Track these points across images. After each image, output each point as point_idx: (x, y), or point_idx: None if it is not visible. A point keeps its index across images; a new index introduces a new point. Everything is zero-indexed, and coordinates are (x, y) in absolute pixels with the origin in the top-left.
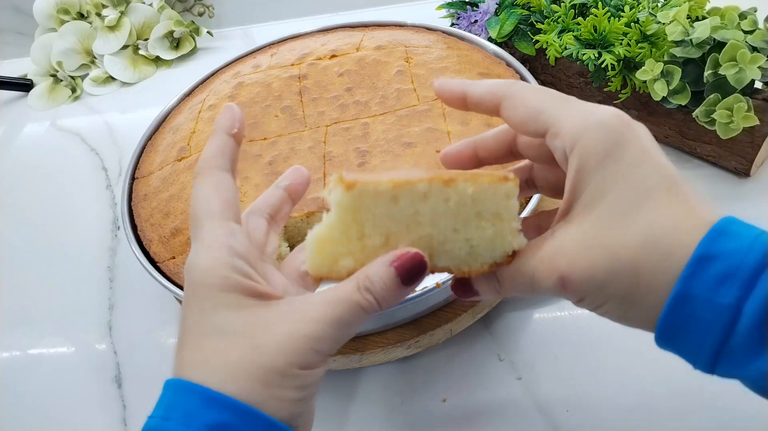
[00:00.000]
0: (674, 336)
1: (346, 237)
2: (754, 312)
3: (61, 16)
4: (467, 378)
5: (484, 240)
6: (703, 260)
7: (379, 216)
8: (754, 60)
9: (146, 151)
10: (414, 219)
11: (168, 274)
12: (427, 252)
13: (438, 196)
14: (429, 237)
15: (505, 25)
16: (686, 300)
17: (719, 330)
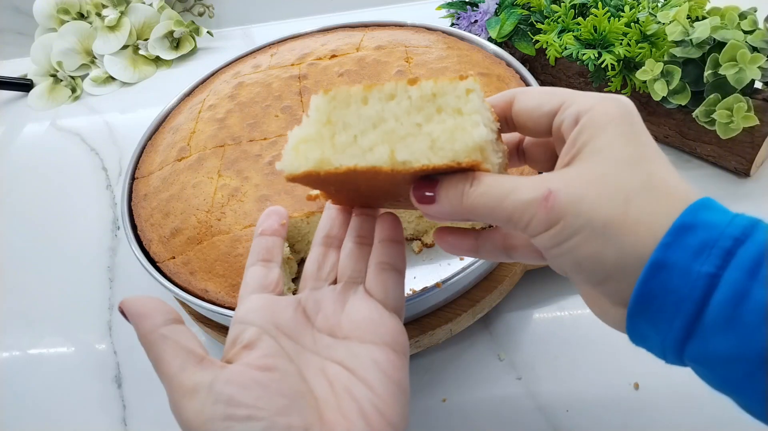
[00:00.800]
0: (649, 305)
1: (319, 135)
2: (731, 283)
3: (61, 16)
4: (467, 378)
5: (445, 132)
6: (684, 228)
7: (349, 116)
8: (754, 60)
9: (146, 151)
10: (380, 116)
11: (168, 274)
12: (389, 147)
13: (402, 94)
14: (392, 132)
15: (505, 25)
16: (664, 267)
17: (695, 300)
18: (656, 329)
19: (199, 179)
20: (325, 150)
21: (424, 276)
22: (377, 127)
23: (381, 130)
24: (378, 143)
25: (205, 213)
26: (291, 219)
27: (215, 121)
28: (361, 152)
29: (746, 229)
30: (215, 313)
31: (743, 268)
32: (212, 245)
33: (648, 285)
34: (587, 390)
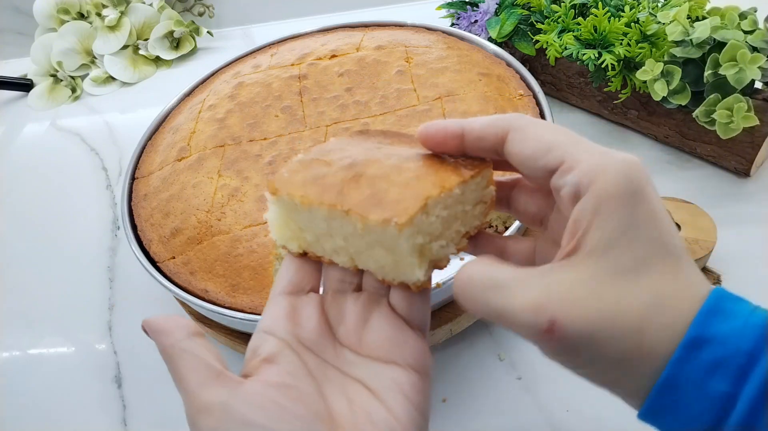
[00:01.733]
0: (660, 417)
1: (289, 227)
2: (747, 404)
3: (61, 16)
4: (467, 378)
5: (388, 262)
6: (695, 343)
7: (303, 221)
8: (754, 60)
9: (146, 151)
10: (330, 230)
11: (168, 274)
12: (348, 256)
13: (340, 219)
14: (346, 245)
15: (505, 25)
16: (676, 385)
17: (709, 419)
18: (673, 425)
19: (199, 179)
20: (302, 243)
21: None
22: (332, 237)
23: (338, 241)
24: (339, 250)
25: (205, 213)
26: None
27: (215, 121)
28: (330, 252)
29: (755, 344)
30: (215, 313)
31: (759, 385)
32: (212, 245)
33: (659, 400)
34: (587, 390)
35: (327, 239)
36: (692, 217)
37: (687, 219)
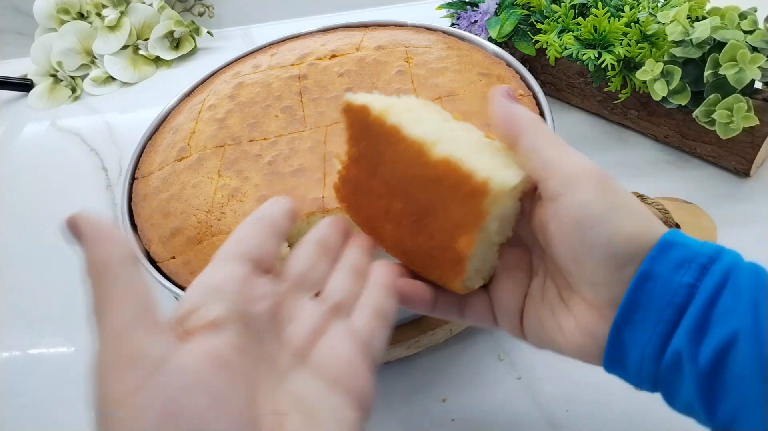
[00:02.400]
0: (635, 313)
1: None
2: (706, 292)
3: (61, 16)
4: (467, 378)
5: (490, 160)
6: (667, 245)
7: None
8: (754, 60)
9: (146, 151)
10: (451, 130)
11: (168, 274)
12: (437, 137)
13: (476, 132)
14: (450, 137)
15: (505, 25)
16: (650, 277)
17: (676, 306)
18: (639, 337)
19: (199, 179)
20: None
21: None
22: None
23: (443, 130)
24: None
25: (205, 213)
26: None
27: (215, 121)
28: (413, 123)
29: (716, 251)
30: None
31: (715, 281)
32: (212, 245)
33: (636, 294)
34: (588, 391)
35: (429, 125)
36: (692, 217)
37: (687, 219)
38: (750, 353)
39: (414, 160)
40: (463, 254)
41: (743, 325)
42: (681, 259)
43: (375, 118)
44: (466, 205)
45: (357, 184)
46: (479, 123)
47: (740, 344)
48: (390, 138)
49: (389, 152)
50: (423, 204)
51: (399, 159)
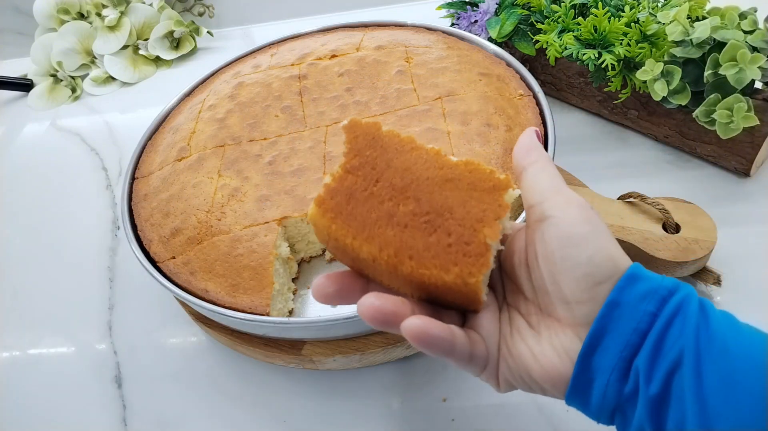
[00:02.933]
0: (603, 337)
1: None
2: (664, 318)
3: (61, 16)
4: (467, 378)
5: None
6: (633, 278)
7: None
8: (754, 60)
9: (146, 151)
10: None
11: (168, 274)
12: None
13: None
14: None
15: (505, 25)
16: (618, 305)
17: (641, 332)
18: (607, 361)
19: (199, 179)
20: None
21: None
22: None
23: None
24: None
25: (205, 213)
26: (291, 219)
27: (215, 121)
28: None
29: (674, 285)
30: (215, 313)
31: (671, 310)
32: (212, 245)
33: (604, 320)
34: None
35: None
36: (692, 217)
37: (687, 219)
38: (690, 371)
39: (430, 163)
40: (488, 244)
41: (687, 345)
42: (645, 291)
43: (388, 132)
44: (487, 199)
45: (352, 192)
46: (479, 122)
47: (684, 364)
48: (404, 147)
49: (400, 159)
50: (438, 203)
51: (413, 164)
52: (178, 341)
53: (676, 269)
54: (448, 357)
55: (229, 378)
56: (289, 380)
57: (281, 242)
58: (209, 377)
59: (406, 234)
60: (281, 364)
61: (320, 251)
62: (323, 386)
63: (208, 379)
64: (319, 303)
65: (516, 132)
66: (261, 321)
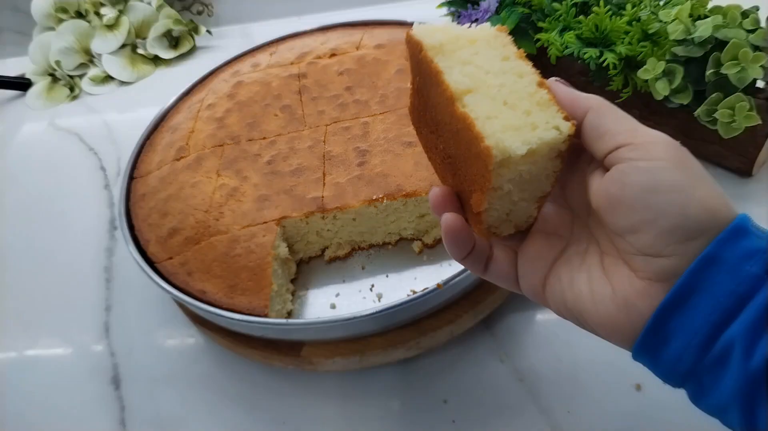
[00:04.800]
0: (689, 297)
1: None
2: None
3: (60, 15)
4: (468, 379)
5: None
6: (739, 232)
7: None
8: (756, 59)
9: (144, 151)
10: (498, 75)
11: (165, 275)
12: (472, 85)
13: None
14: (489, 87)
15: (506, 24)
16: (715, 260)
17: (740, 295)
18: (690, 322)
19: (198, 179)
20: (447, 44)
21: (425, 277)
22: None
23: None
24: (469, 77)
25: (203, 213)
26: (290, 219)
27: (214, 121)
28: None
29: None
30: (213, 314)
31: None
32: (210, 245)
33: (696, 275)
34: (589, 392)
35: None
36: None
37: None
38: None
39: (446, 108)
40: (475, 209)
41: None
42: (752, 249)
43: (424, 56)
44: (478, 165)
45: (419, 114)
46: None
47: None
48: (434, 79)
49: (434, 93)
50: (454, 150)
51: (438, 102)
52: (175, 342)
53: None
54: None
55: (227, 379)
56: (288, 382)
57: (280, 242)
58: (208, 378)
59: (443, 166)
60: (280, 366)
61: (319, 251)
62: (322, 388)
63: (207, 381)
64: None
65: None
66: (259, 322)
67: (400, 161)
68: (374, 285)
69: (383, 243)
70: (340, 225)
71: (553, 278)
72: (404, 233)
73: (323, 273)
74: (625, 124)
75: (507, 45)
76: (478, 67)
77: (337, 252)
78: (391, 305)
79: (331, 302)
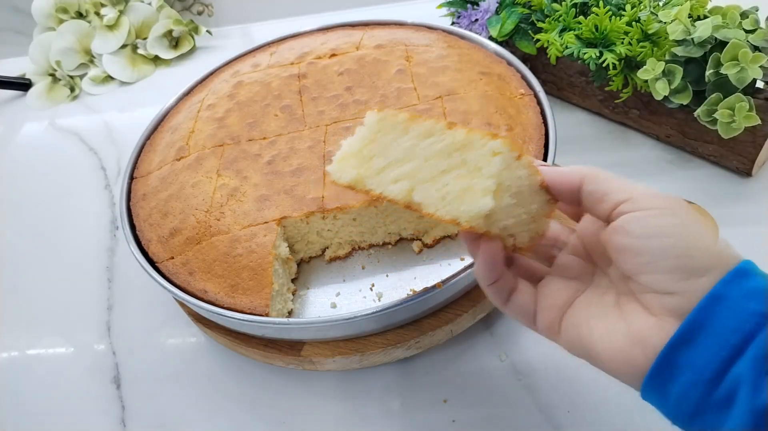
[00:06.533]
0: (699, 332)
1: (361, 154)
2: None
3: (60, 15)
4: (468, 379)
5: (457, 189)
6: (743, 273)
7: (389, 142)
8: (756, 59)
9: (145, 151)
10: (413, 152)
11: (166, 274)
12: (409, 184)
13: (438, 134)
14: (417, 172)
15: (505, 24)
16: (721, 299)
17: (745, 332)
18: (698, 359)
19: (198, 179)
20: (362, 170)
21: (425, 276)
22: (407, 162)
23: (409, 166)
24: (402, 178)
25: (204, 213)
26: (290, 219)
27: (214, 121)
28: (387, 182)
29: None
30: (214, 314)
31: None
32: (211, 245)
33: (703, 313)
34: (589, 391)
35: (396, 166)
36: None
37: None
38: None
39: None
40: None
41: None
42: (755, 289)
43: (358, 191)
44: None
45: None
46: (480, 122)
47: None
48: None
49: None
50: None
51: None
52: (177, 341)
53: None
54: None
55: (228, 379)
56: (289, 381)
57: (280, 242)
58: (208, 378)
59: None
60: (281, 365)
61: (319, 251)
62: (323, 387)
63: (208, 380)
64: (320, 304)
65: (517, 131)
66: (260, 321)
67: None
68: (374, 285)
69: (383, 243)
70: (340, 225)
71: (570, 314)
72: (404, 233)
73: (324, 273)
74: (619, 183)
75: (396, 123)
76: (394, 162)
77: (337, 251)
78: (391, 304)
79: (331, 301)
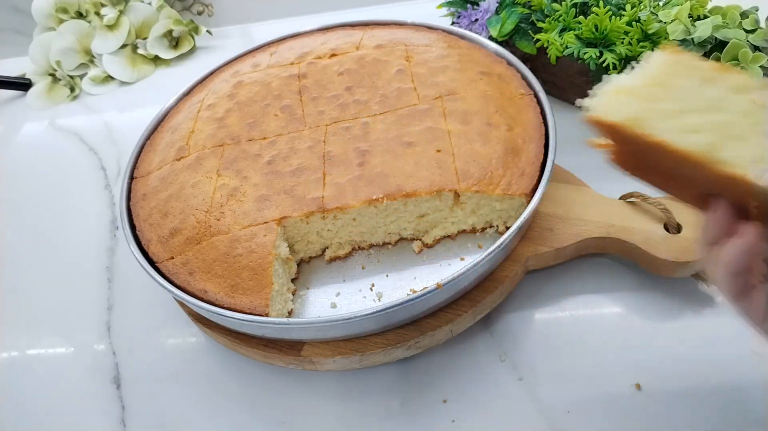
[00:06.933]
0: None
1: (645, 93)
2: None
3: (60, 15)
4: (468, 378)
5: None
6: None
7: (685, 88)
8: (756, 59)
9: (145, 151)
10: (719, 104)
11: (167, 274)
12: (715, 138)
13: (753, 92)
14: (724, 126)
15: (505, 24)
16: None
17: None
18: None
19: (198, 179)
20: (644, 111)
21: (425, 276)
22: (710, 113)
23: (713, 118)
24: (704, 129)
25: (204, 213)
26: (290, 219)
27: (214, 121)
28: (681, 130)
29: None
30: (214, 314)
31: None
32: (211, 245)
33: None
34: (589, 391)
35: (698, 114)
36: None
37: (689, 219)
38: None
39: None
40: None
41: None
42: None
43: (628, 132)
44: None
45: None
46: (480, 121)
47: None
48: (660, 147)
49: (666, 157)
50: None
51: (679, 161)
52: (177, 341)
53: (677, 269)
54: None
55: (228, 379)
56: (289, 381)
57: (280, 242)
58: (208, 378)
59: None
60: (281, 365)
61: (319, 251)
62: (323, 387)
63: (208, 380)
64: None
65: (517, 131)
66: (260, 321)
67: (400, 161)
68: (374, 285)
69: (383, 243)
70: (340, 225)
71: None
72: (404, 233)
73: (324, 273)
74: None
75: (697, 69)
76: (692, 112)
77: (337, 251)
78: (391, 304)
79: (331, 301)
